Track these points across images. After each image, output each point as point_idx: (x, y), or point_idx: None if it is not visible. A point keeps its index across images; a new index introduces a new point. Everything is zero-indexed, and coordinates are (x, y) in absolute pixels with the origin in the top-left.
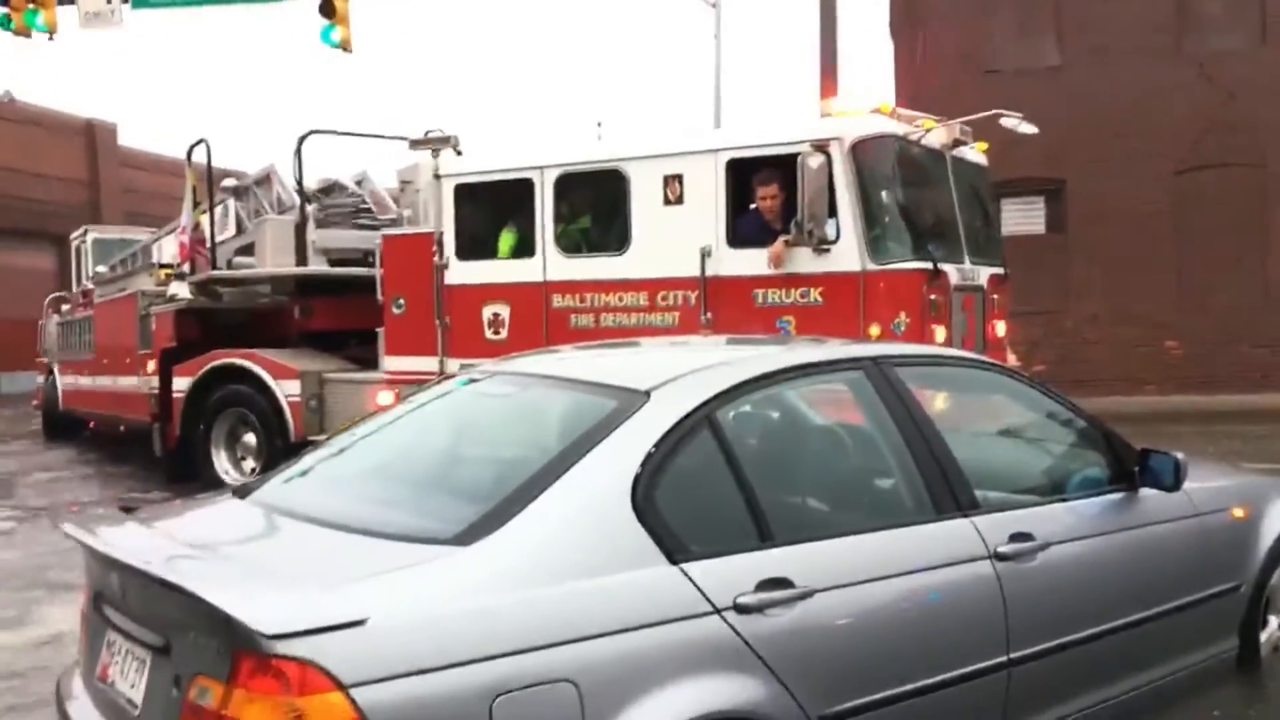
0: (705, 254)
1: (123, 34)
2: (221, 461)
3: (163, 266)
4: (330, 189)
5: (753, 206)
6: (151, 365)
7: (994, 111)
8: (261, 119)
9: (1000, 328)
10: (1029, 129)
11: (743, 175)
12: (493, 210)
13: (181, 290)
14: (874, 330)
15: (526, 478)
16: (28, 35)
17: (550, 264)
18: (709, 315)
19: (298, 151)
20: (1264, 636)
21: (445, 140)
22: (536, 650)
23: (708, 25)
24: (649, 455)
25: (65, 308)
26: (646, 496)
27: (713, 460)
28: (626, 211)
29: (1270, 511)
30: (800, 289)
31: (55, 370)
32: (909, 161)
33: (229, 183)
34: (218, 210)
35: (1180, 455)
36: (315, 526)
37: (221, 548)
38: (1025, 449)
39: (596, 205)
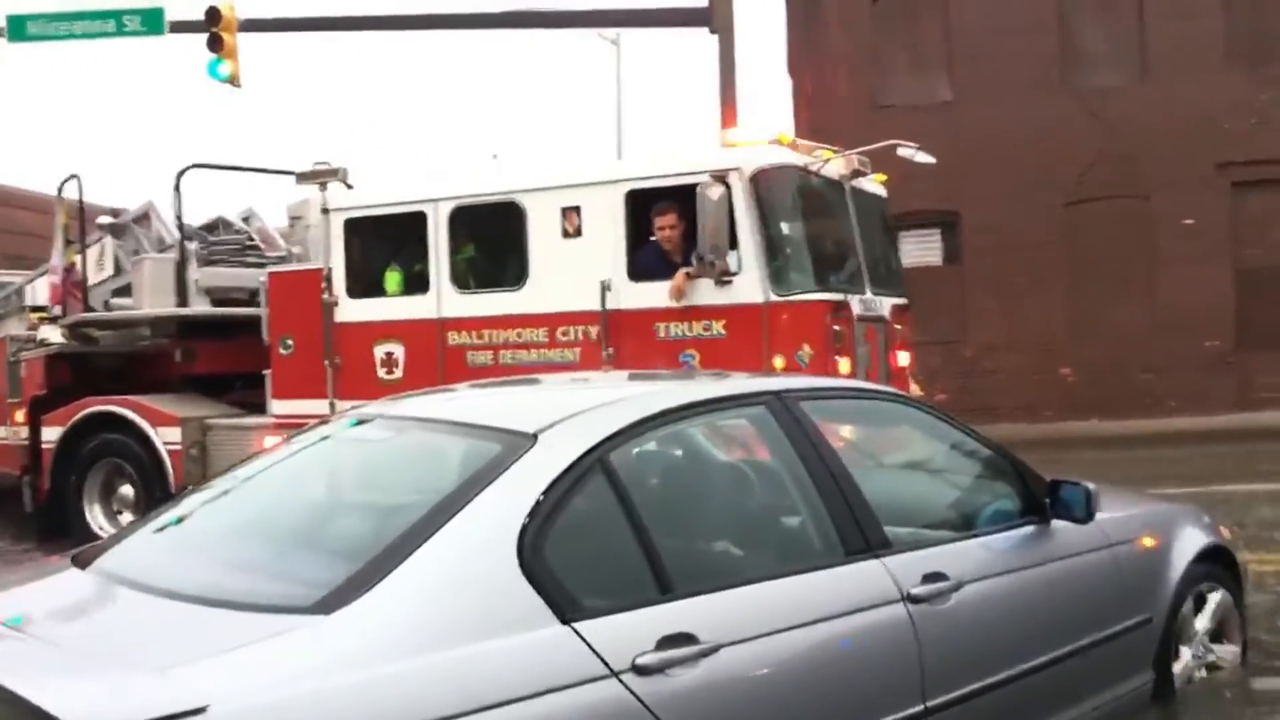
0: (605, 287)
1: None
2: (96, 516)
3: (35, 309)
4: (215, 226)
5: (653, 238)
6: (20, 415)
7: (891, 142)
8: (148, 155)
9: (903, 358)
10: (926, 159)
11: (642, 207)
12: (384, 245)
13: (53, 334)
14: (778, 362)
15: (398, 534)
16: None
17: (445, 300)
18: (610, 350)
19: (177, 186)
20: (1177, 668)
21: (333, 173)
22: None
23: (609, 62)
24: (536, 504)
25: None
26: (534, 550)
27: (607, 507)
28: (523, 245)
29: (1178, 539)
30: (703, 321)
31: None
32: (809, 192)
33: (105, 220)
34: (94, 249)
35: (1091, 485)
36: (157, 598)
37: (43, 628)
38: (935, 483)
39: (492, 239)
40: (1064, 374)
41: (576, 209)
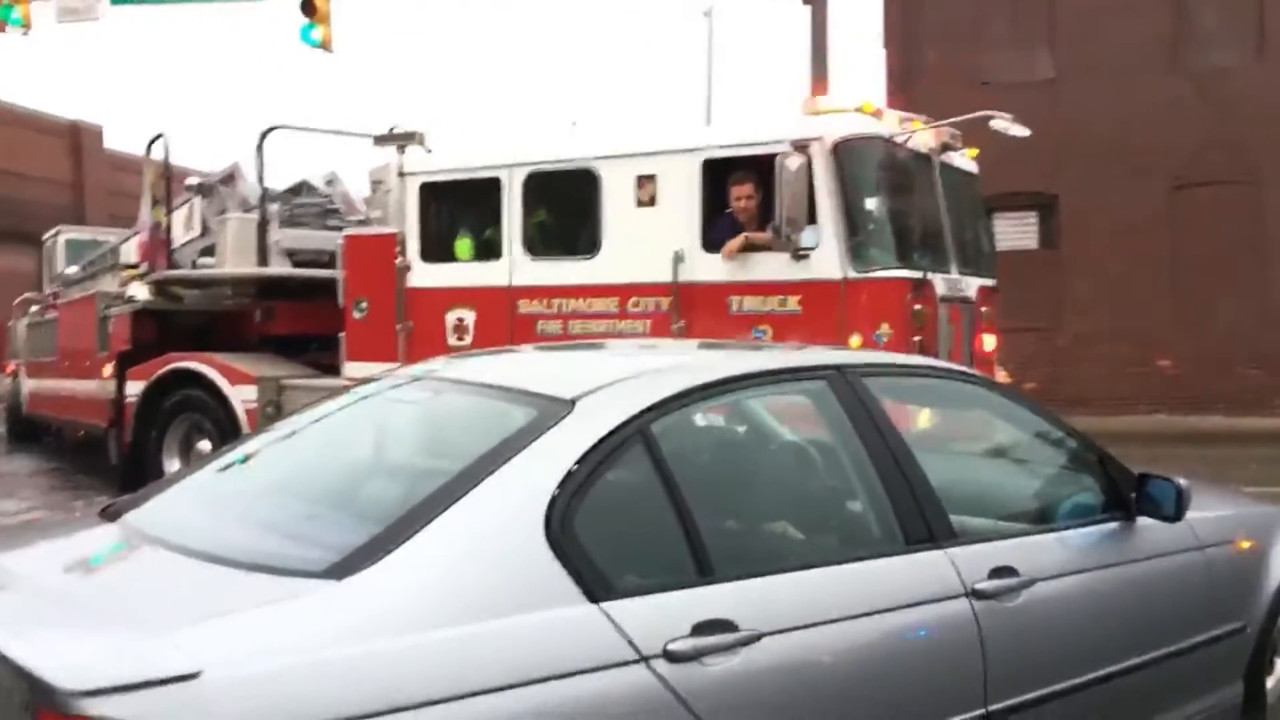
0: (678, 258)
1: (106, 32)
2: (175, 469)
3: (127, 267)
4: (299, 189)
5: (729, 210)
6: (108, 369)
7: (984, 113)
8: (245, 117)
9: (989, 342)
10: (1020, 131)
11: (719, 176)
12: (459, 210)
13: (140, 292)
14: (854, 341)
15: (420, 499)
16: (2, 30)
17: (517, 267)
18: (682, 323)
19: (259, 148)
20: (1270, 682)
21: (410, 136)
22: (418, 708)
23: (701, 33)
24: (569, 474)
25: (34, 309)
26: (564, 523)
27: (645, 481)
28: (597, 213)
29: (1278, 544)
30: (778, 297)
31: (21, 373)
32: (894, 165)
33: (193, 181)
34: (183, 210)
35: (1182, 481)
36: (175, 555)
37: (53, 583)
38: (1010, 471)
39: (566, 206)
40: (1164, 366)
41: (652, 177)
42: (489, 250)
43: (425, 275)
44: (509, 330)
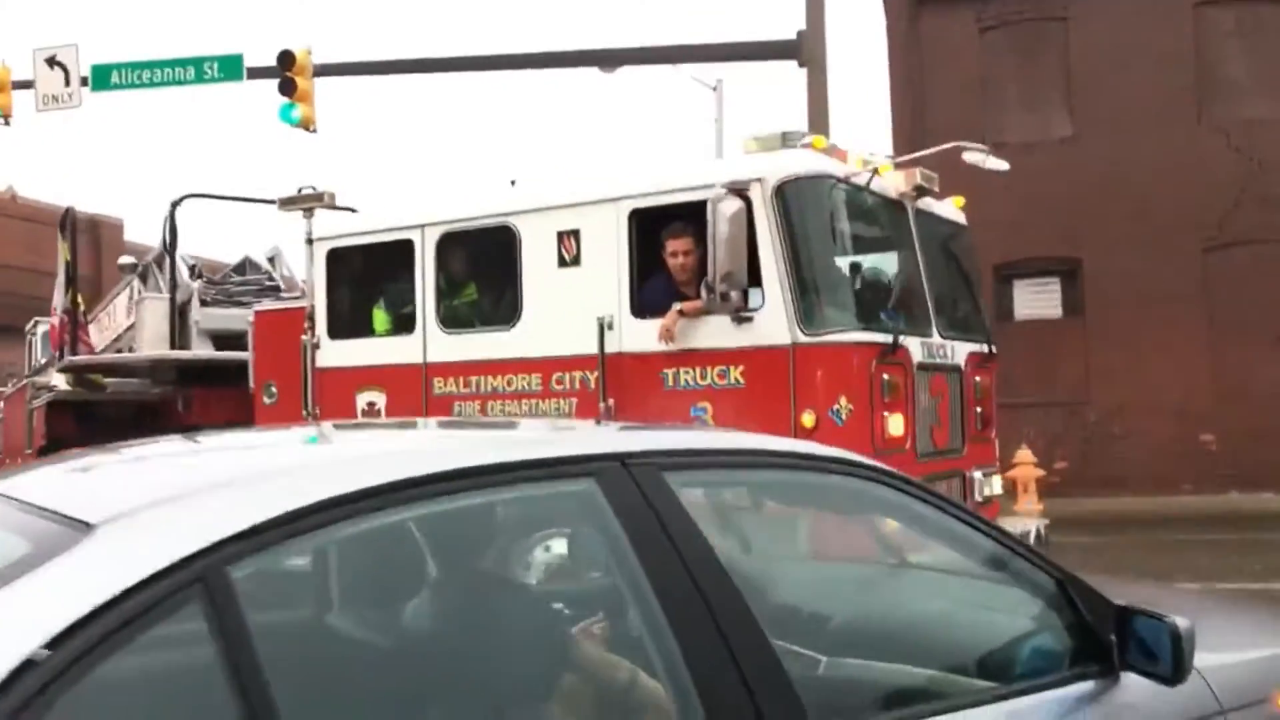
0: (605, 325)
1: (92, 119)
2: None
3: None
4: (242, 267)
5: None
6: None
7: (954, 144)
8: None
9: (984, 418)
10: (998, 165)
11: (651, 229)
12: (371, 279)
13: (59, 381)
14: (807, 419)
15: None
16: None
17: (431, 342)
18: (610, 401)
19: (170, 217)
20: None
21: (318, 198)
22: None
23: (708, 109)
24: (21, 669)
25: None
26: None
27: (205, 677)
28: (517, 277)
29: None
30: (718, 368)
31: None
32: (855, 210)
33: (126, 260)
34: (124, 293)
35: (1181, 622)
36: None
37: None
38: (915, 605)
39: (484, 270)
40: (1205, 441)
41: (575, 233)
42: (401, 323)
43: (334, 353)
44: (424, 414)
